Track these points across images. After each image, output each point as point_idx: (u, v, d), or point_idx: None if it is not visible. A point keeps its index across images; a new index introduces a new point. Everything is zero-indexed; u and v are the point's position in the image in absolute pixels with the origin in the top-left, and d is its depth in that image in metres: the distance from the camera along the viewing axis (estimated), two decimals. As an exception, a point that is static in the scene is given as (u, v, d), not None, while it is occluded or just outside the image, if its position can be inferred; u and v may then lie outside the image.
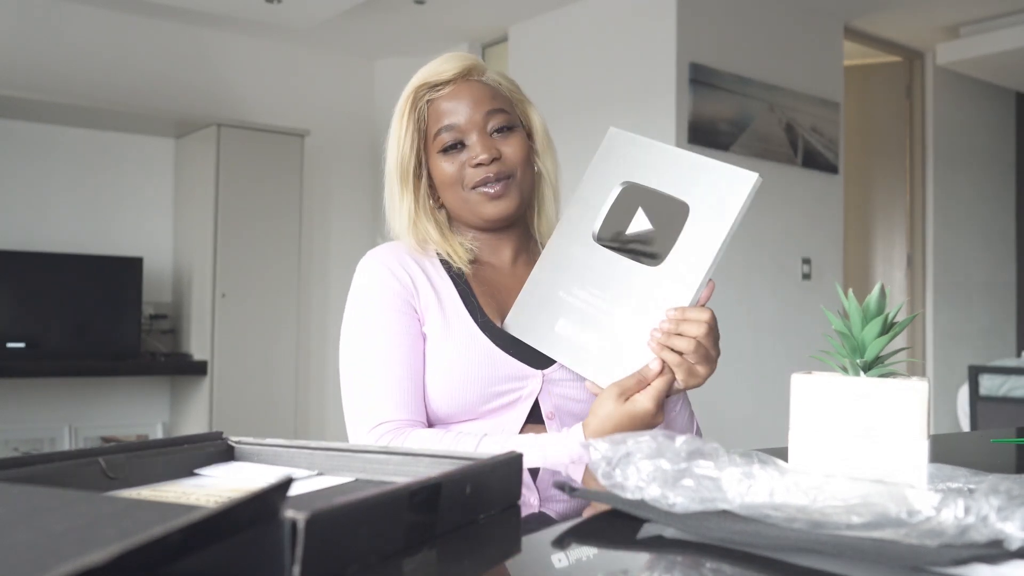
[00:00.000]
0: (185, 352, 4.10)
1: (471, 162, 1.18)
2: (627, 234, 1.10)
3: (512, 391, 1.15)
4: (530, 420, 1.15)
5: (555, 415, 1.16)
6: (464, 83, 1.21)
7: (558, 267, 1.15)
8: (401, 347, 1.14)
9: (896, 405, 0.68)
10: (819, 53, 4.23)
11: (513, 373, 1.15)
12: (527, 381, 1.16)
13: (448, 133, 1.19)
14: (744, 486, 0.62)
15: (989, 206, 5.19)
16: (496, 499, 0.71)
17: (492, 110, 1.20)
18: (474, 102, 1.20)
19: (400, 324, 1.15)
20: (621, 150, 1.14)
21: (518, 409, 1.15)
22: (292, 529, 0.46)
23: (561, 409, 1.17)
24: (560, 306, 1.12)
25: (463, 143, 1.19)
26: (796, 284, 4.09)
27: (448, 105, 1.20)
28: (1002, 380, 3.90)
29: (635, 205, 1.10)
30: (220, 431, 0.86)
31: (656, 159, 1.11)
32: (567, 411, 1.17)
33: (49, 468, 0.68)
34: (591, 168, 1.16)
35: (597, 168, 1.15)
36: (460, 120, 1.19)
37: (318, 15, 4.02)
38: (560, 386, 1.17)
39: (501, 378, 1.14)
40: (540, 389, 1.16)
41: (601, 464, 0.69)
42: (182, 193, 4.25)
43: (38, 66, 3.94)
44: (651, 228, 1.09)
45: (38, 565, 0.39)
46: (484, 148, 1.18)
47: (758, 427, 3.83)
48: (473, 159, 1.18)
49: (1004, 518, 0.55)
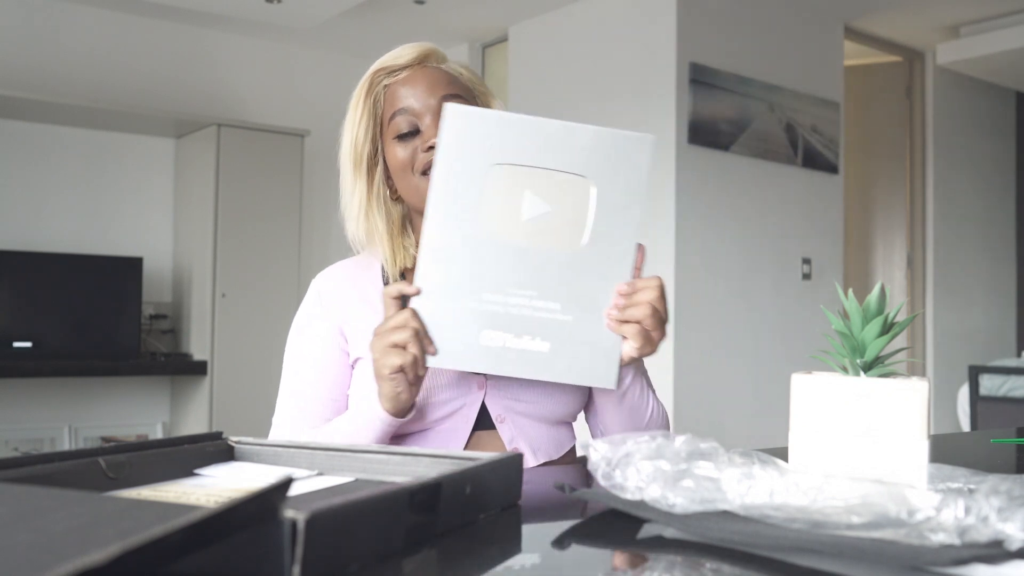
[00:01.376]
0: (185, 352, 4.11)
1: (423, 146, 1.15)
2: (525, 221, 0.99)
3: (454, 399, 1.12)
4: (481, 426, 1.13)
5: (505, 418, 1.14)
6: (421, 68, 1.19)
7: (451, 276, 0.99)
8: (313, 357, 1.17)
9: (896, 405, 0.68)
10: (819, 53, 4.23)
11: (452, 380, 1.12)
12: (469, 387, 1.13)
13: (402, 117, 1.16)
14: (744, 487, 0.62)
15: (989, 206, 5.19)
16: (496, 499, 0.71)
17: (448, 95, 1.16)
18: (430, 86, 1.17)
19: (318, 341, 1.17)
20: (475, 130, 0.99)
21: (463, 416, 1.12)
22: (292, 529, 0.46)
23: (511, 410, 1.14)
24: (478, 316, 0.99)
25: (418, 128, 1.16)
26: (796, 284, 4.09)
27: (404, 90, 1.17)
28: (1002, 380, 3.90)
29: (519, 188, 0.99)
30: (220, 431, 0.86)
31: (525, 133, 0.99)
32: (517, 412, 1.14)
33: (49, 468, 0.68)
34: (442, 156, 0.98)
35: (449, 154, 0.98)
36: (415, 104, 1.16)
37: (318, 15, 4.02)
38: (505, 389, 1.14)
39: (439, 387, 1.11)
40: (484, 394, 1.13)
41: (601, 465, 0.69)
42: (182, 193, 4.25)
43: (38, 66, 3.94)
44: (550, 209, 0.99)
45: (38, 565, 0.39)
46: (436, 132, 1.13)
47: (758, 427, 3.83)
48: (425, 143, 1.14)
49: (1005, 519, 0.55)
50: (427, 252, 0.99)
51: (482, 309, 0.99)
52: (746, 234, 3.88)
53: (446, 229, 0.99)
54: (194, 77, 4.35)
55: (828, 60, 4.27)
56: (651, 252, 3.54)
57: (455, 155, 0.98)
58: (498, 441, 1.14)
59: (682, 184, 3.64)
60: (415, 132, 1.16)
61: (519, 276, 0.99)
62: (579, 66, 4.05)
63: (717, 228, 3.77)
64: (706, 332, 3.69)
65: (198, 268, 4.05)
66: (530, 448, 1.14)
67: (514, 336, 0.99)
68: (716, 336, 3.72)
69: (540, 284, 0.99)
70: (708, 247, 3.73)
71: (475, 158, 0.99)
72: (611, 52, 3.93)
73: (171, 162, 4.32)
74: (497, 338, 0.99)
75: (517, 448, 1.13)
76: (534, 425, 1.15)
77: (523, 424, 1.15)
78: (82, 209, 4.07)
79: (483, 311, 0.99)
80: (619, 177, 0.99)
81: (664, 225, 3.63)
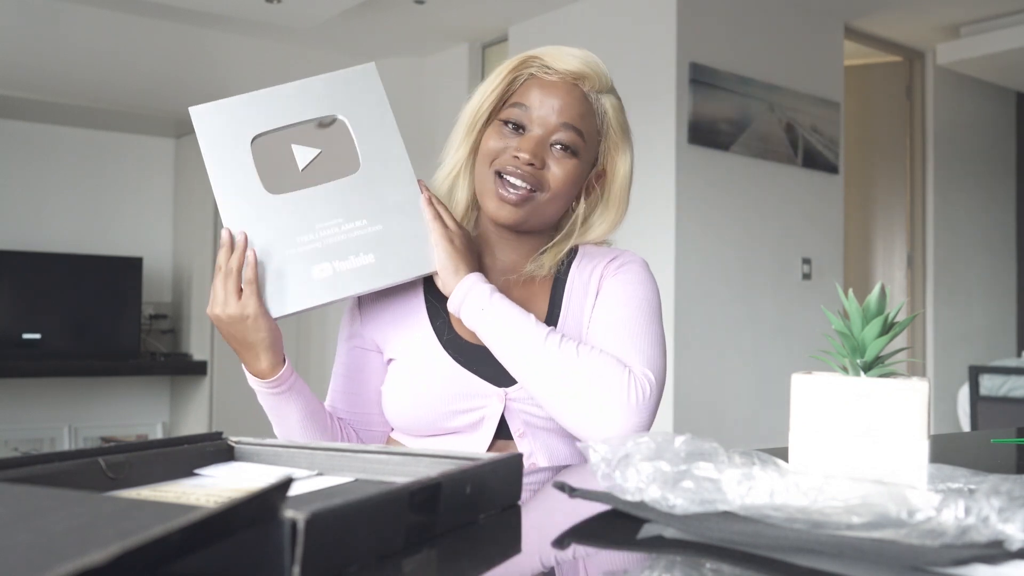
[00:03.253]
0: (185, 352, 4.11)
1: (513, 151, 1.13)
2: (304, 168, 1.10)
3: (474, 409, 1.12)
4: (500, 437, 1.13)
5: (525, 432, 1.13)
6: (569, 84, 1.15)
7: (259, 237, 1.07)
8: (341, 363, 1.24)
9: (896, 405, 0.68)
10: (819, 53, 4.23)
11: (473, 391, 1.12)
12: (489, 399, 1.12)
13: (520, 111, 1.14)
14: (744, 487, 0.62)
15: (989, 206, 5.19)
16: (496, 499, 0.71)
17: (568, 124, 1.13)
18: (561, 106, 1.13)
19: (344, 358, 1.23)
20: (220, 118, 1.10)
21: (484, 428, 1.12)
22: (292, 529, 0.46)
23: (531, 426, 1.13)
24: (302, 258, 1.07)
25: (523, 129, 1.14)
26: (796, 284, 4.09)
27: (539, 91, 1.14)
28: (1002, 380, 3.90)
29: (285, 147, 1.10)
30: (220, 431, 0.86)
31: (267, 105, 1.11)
32: (536, 426, 1.13)
33: (49, 468, 0.68)
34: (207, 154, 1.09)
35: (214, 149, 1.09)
36: (539, 111, 1.13)
37: (318, 15, 4.02)
38: (525, 404, 1.12)
39: (459, 396, 1.11)
40: (504, 407, 1.12)
41: (601, 466, 0.69)
42: (182, 193, 4.25)
43: (38, 66, 3.94)
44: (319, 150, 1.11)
45: (38, 565, 0.39)
46: (532, 149, 1.12)
47: (758, 427, 3.83)
48: (515, 150, 1.12)
49: (1005, 519, 0.55)
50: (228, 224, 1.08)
51: (302, 251, 1.08)
52: (746, 234, 3.88)
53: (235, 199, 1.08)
54: (194, 77, 4.35)
55: (828, 60, 4.27)
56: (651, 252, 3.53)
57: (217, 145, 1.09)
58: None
59: (682, 184, 3.64)
60: (519, 130, 1.15)
61: (320, 211, 1.09)
62: (579, 66, 4.05)
63: (717, 228, 3.77)
64: (706, 332, 3.69)
65: (198, 268, 4.05)
66: (549, 462, 1.13)
67: (340, 260, 1.08)
68: (716, 336, 3.72)
69: (342, 210, 1.09)
70: (708, 247, 3.73)
71: (235, 139, 1.09)
72: (611, 52, 3.92)
73: (171, 162, 4.32)
74: (327, 268, 1.08)
75: (535, 464, 1.13)
76: (554, 438, 1.14)
77: (543, 437, 1.13)
78: (82, 209, 4.07)
79: (304, 252, 1.08)
80: (362, 104, 1.12)
81: (664, 225, 3.63)
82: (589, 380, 1.03)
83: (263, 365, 1.09)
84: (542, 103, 1.13)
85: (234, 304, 1.05)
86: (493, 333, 1.08)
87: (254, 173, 1.09)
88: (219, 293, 1.06)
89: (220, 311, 1.06)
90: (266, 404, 1.15)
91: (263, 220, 1.08)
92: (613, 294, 1.16)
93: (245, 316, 1.05)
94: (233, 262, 1.05)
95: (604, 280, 1.18)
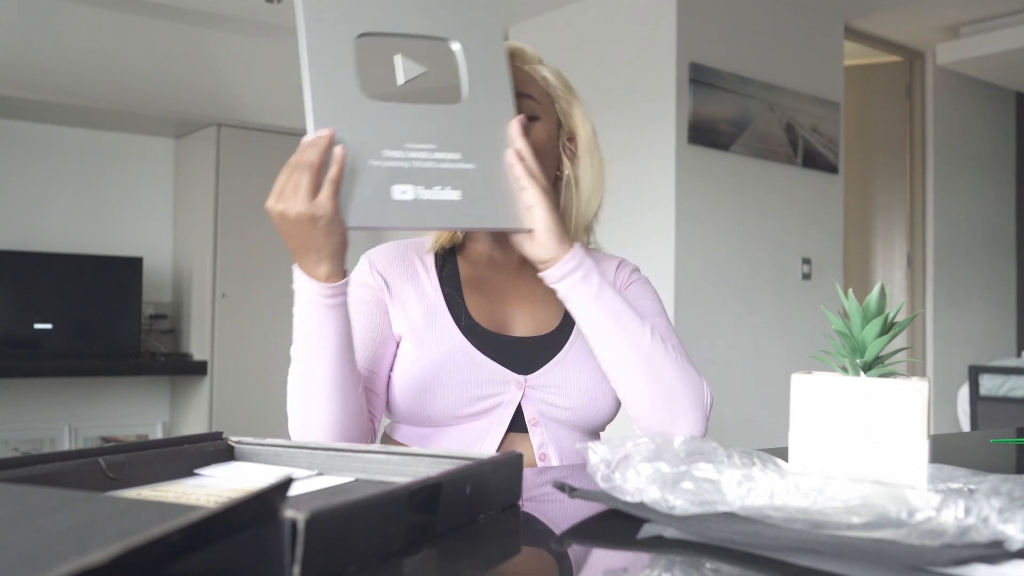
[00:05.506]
0: (185, 352, 4.10)
1: None
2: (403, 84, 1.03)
3: (492, 395, 1.12)
4: (513, 427, 1.13)
5: (539, 421, 1.13)
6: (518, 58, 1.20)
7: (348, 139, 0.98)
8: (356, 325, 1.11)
9: (896, 405, 0.68)
10: (819, 53, 4.23)
11: (493, 378, 1.12)
12: (508, 386, 1.13)
13: None
14: (744, 489, 0.62)
15: (989, 206, 5.19)
16: (496, 499, 0.71)
17: (521, 94, 1.15)
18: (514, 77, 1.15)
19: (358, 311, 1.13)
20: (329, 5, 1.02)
21: (500, 415, 1.12)
22: (292, 529, 0.46)
23: (545, 415, 1.14)
24: (385, 173, 0.99)
25: None
26: (796, 284, 4.09)
27: None
28: (1002, 380, 3.90)
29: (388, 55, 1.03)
30: (220, 431, 0.86)
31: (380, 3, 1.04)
32: (551, 417, 1.14)
33: (49, 468, 0.68)
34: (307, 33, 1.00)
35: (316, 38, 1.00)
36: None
37: (318, 15, 4.01)
38: (543, 392, 1.14)
39: (480, 383, 1.12)
40: (523, 395, 1.13)
41: (600, 467, 0.69)
42: (182, 193, 4.25)
43: (38, 66, 3.94)
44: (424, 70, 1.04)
45: (38, 565, 0.39)
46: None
47: (758, 427, 3.83)
48: None
49: (1005, 520, 0.55)
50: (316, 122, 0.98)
51: (386, 166, 0.99)
52: (746, 234, 3.88)
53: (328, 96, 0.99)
54: (194, 77, 4.34)
55: (828, 60, 4.27)
56: (651, 252, 3.54)
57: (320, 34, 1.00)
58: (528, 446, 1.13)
59: (682, 184, 3.64)
60: None
61: (414, 131, 1.01)
62: (579, 66, 4.05)
63: (717, 228, 3.77)
64: (706, 332, 3.69)
65: (198, 268, 4.05)
66: (558, 456, 1.14)
67: (425, 188, 1.00)
68: (716, 336, 3.72)
69: (436, 137, 1.02)
70: (708, 247, 3.73)
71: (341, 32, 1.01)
72: (611, 52, 3.93)
73: (171, 162, 4.32)
74: (409, 191, 0.99)
75: (545, 455, 1.13)
76: (566, 432, 1.15)
77: (555, 430, 1.14)
78: (82, 209, 4.06)
79: (388, 168, 0.99)
80: (478, 35, 1.07)
81: (664, 225, 3.63)
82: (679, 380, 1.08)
83: (321, 272, 0.98)
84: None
85: (305, 202, 0.92)
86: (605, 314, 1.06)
87: (353, 72, 1.00)
88: (289, 187, 0.94)
89: (286, 207, 0.93)
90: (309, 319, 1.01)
91: (352, 122, 0.99)
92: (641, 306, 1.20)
93: (318, 217, 0.93)
94: (313, 155, 0.93)
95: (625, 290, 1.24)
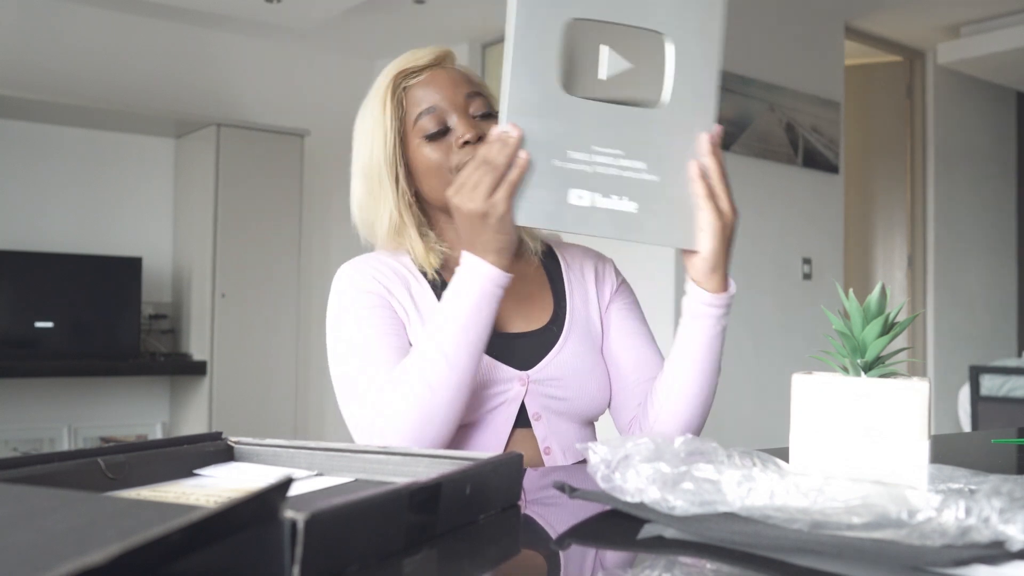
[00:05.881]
0: (185, 352, 4.10)
1: (457, 143, 1.14)
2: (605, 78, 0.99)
3: (497, 394, 1.13)
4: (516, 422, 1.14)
5: (541, 415, 1.15)
6: (440, 69, 1.19)
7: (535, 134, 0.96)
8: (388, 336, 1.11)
9: (897, 405, 0.68)
10: (819, 53, 4.23)
11: (497, 376, 1.13)
12: (511, 383, 1.14)
13: (429, 116, 1.15)
14: (744, 489, 0.62)
15: (989, 206, 5.19)
16: (496, 499, 0.71)
17: (471, 93, 1.17)
18: (453, 84, 1.17)
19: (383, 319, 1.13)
20: None
21: (506, 411, 1.13)
22: (292, 529, 0.46)
23: (548, 409, 1.15)
24: (565, 175, 0.96)
25: (446, 126, 1.15)
26: (796, 284, 4.09)
27: (426, 90, 1.16)
28: (1003, 380, 3.90)
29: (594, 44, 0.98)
30: (220, 431, 0.86)
31: None
32: (552, 410, 1.15)
33: (49, 468, 0.68)
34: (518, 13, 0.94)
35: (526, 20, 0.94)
36: (442, 103, 1.15)
37: (318, 15, 4.02)
38: (544, 386, 1.15)
39: (484, 382, 1.12)
40: (526, 391, 1.14)
41: (600, 467, 0.69)
42: (182, 193, 4.25)
43: (38, 66, 3.94)
44: (630, 66, 0.99)
45: (38, 565, 0.39)
46: (469, 127, 1.14)
47: (758, 427, 3.83)
48: (460, 139, 1.14)
49: (1006, 520, 0.55)
50: (510, 111, 0.95)
51: (569, 168, 0.96)
52: (746, 234, 3.87)
53: (527, 86, 0.95)
54: (194, 77, 4.34)
55: (828, 60, 4.27)
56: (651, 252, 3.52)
57: (530, 16, 0.94)
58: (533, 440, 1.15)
59: (682, 184, 3.63)
60: (445, 130, 1.15)
61: (604, 135, 0.96)
62: (579, 66, 4.05)
63: (717, 228, 3.76)
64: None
65: (198, 268, 4.05)
66: (560, 449, 1.15)
67: (602, 196, 0.97)
68: (716, 336, 3.72)
69: (625, 143, 0.97)
70: (708, 247, 3.72)
71: (552, 15, 0.95)
72: (611, 52, 3.93)
73: (171, 162, 4.32)
74: (585, 197, 0.96)
75: (549, 448, 1.15)
76: (565, 424, 1.17)
77: (555, 423, 1.16)
78: (82, 209, 4.06)
79: (570, 170, 0.96)
80: (695, 34, 0.98)
81: (664, 225, 3.62)
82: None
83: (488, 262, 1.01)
84: (440, 94, 1.16)
85: (482, 200, 0.95)
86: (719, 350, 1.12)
87: (556, 61, 0.95)
88: (470, 183, 0.96)
89: (462, 202, 0.97)
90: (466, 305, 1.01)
91: (545, 118, 0.95)
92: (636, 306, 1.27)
93: (489, 215, 0.96)
94: (501, 156, 0.94)
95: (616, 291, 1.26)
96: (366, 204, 1.20)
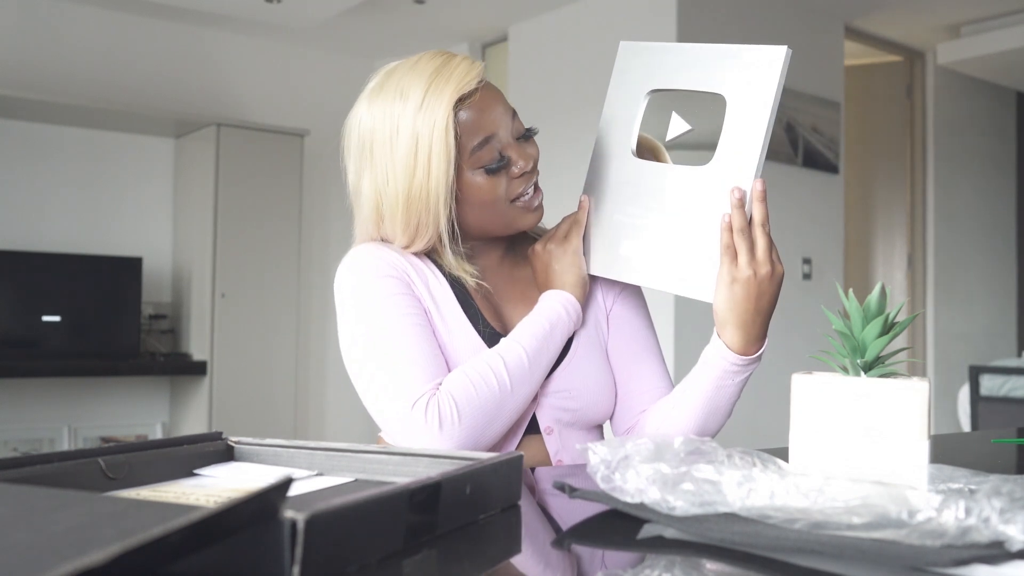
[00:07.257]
0: (184, 352, 4.10)
1: (515, 174, 1.10)
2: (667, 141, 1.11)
3: None
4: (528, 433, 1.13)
5: (553, 430, 1.13)
6: (486, 88, 1.10)
7: (604, 192, 1.13)
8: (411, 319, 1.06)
9: (897, 405, 0.68)
10: (819, 53, 4.23)
11: None
12: None
13: (487, 148, 1.08)
14: (744, 490, 0.62)
15: (989, 206, 5.18)
16: (496, 499, 0.71)
17: (515, 113, 1.12)
18: (503, 108, 1.10)
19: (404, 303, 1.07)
20: (638, 60, 1.12)
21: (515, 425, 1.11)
22: (292, 529, 0.46)
23: (559, 422, 1.14)
24: (619, 229, 1.11)
25: (504, 157, 1.09)
26: (796, 284, 4.09)
27: (479, 118, 1.07)
28: (1003, 380, 3.90)
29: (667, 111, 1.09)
30: (220, 431, 0.86)
31: (676, 60, 1.08)
32: (564, 422, 1.14)
33: (49, 468, 0.68)
34: (612, 86, 1.14)
35: (619, 85, 1.13)
36: (496, 131, 1.09)
37: (318, 15, 4.02)
38: (555, 397, 1.13)
39: None
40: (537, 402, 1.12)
41: (600, 468, 0.69)
42: (182, 193, 4.25)
43: (38, 66, 3.94)
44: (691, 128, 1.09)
45: (38, 565, 0.39)
46: (525, 156, 1.11)
47: (758, 427, 3.83)
48: (518, 171, 1.10)
49: (1006, 521, 0.55)
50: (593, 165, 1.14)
51: (623, 221, 1.10)
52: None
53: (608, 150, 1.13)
54: (194, 77, 4.34)
55: (828, 60, 4.27)
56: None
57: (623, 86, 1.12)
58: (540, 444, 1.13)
59: (682, 184, 3.63)
60: (503, 162, 1.09)
61: (655, 189, 1.08)
62: (579, 66, 4.05)
63: (717, 228, 3.76)
64: (706, 332, 3.68)
65: (198, 268, 4.05)
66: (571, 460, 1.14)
67: (645, 246, 1.09)
68: (716, 336, 3.72)
69: (671, 197, 1.07)
70: (708, 247, 3.73)
71: (636, 87, 1.12)
72: (611, 52, 3.92)
73: (171, 162, 4.32)
74: (633, 248, 1.10)
75: (561, 461, 1.14)
76: (574, 433, 1.16)
77: (567, 435, 1.15)
78: (82, 209, 4.06)
79: (625, 223, 1.10)
80: (748, 92, 1.03)
81: (664, 225, 3.62)
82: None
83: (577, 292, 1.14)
84: (492, 122, 1.09)
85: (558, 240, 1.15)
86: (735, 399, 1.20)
87: (635, 127, 1.12)
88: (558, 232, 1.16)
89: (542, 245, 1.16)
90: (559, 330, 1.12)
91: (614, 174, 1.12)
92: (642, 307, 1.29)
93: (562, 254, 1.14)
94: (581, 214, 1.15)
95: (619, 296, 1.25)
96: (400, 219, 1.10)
